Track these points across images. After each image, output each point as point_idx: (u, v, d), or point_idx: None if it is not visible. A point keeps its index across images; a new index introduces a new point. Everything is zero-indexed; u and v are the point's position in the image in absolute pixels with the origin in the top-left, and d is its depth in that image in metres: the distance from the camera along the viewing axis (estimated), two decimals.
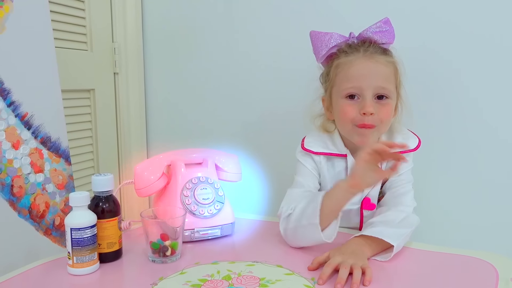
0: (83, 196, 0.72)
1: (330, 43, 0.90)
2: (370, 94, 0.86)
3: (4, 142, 0.87)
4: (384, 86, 0.86)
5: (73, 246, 0.70)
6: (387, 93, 0.87)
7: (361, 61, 0.87)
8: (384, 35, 0.89)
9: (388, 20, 0.90)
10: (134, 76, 1.52)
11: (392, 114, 0.90)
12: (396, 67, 0.89)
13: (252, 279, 0.69)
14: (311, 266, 0.73)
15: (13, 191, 0.89)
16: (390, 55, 0.90)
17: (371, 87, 0.86)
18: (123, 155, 1.53)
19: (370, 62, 0.87)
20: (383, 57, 0.88)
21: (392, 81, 0.88)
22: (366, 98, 0.86)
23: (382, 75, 0.87)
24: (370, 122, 0.86)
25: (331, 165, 0.94)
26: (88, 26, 1.36)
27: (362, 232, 0.79)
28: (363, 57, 0.87)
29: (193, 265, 0.75)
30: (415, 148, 0.91)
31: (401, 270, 0.74)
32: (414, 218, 0.86)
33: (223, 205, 0.89)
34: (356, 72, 0.87)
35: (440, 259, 0.78)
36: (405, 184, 0.91)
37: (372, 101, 0.86)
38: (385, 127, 0.90)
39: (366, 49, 0.88)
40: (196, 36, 1.47)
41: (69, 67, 1.27)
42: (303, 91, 1.30)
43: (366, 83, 0.86)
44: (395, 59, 0.90)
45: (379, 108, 0.86)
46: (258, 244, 0.86)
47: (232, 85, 1.45)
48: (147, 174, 0.90)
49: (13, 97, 0.89)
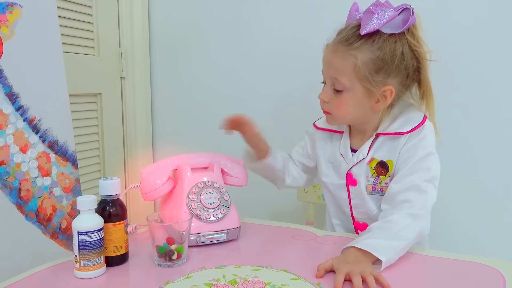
0: (91, 200, 0.72)
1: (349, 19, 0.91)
2: (328, 83, 0.90)
3: (12, 145, 0.88)
4: (337, 78, 0.87)
5: (80, 250, 0.71)
6: (340, 86, 0.87)
7: (327, 50, 0.90)
8: (364, 22, 0.84)
9: (380, 3, 0.84)
10: (141, 81, 1.53)
11: (350, 106, 0.88)
12: (355, 60, 0.84)
13: (258, 283, 0.69)
14: (318, 273, 0.72)
15: (21, 195, 0.89)
16: (359, 45, 0.85)
17: (327, 76, 0.89)
18: (129, 159, 1.54)
19: (330, 51, 0.89)
20: (344, 48, 0.86)
21: (347, 73, 0.86)
22: (325, 86, 0.91)
23: (334, 67, 0.87)
24: (324, 108, 0.92)
25: (329, 140, 1.00)
26: (96, 31, 1.37)
27: (357, 242, 0.76)
28: (332, 45, 0.89)
29: (199, 269, 0.75)
30: (408, 131, 0.87)
31: (405, 275, 0.74)
32: (417, 227, 0.81)
33: (228, 209, 0.89)
34: (323, 60, 0.91)
35: (446, 265, 0.78)
36: (416, 176, 0.85)
37: (329, 89, 0.89)
38: (342, 118, 0.92)
39: (338, 36, 0.89)
40: (202, 40, 1.48)
41: (77, 71, 1.28)
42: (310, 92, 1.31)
43: (324, 71, 0.91)
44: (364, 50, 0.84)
45: (334, 98, 0.89)
46: (264, 249, 0.86)
47: (238, 88, 1.46)
48: (154, 178, 0.90)
49: (22, 102, 0.89)
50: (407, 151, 0.87)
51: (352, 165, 0.93)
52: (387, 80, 0.86)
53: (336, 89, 0.88)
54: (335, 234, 0.94)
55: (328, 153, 0.99)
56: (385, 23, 0.83)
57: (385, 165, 0.90)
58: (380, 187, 0.91)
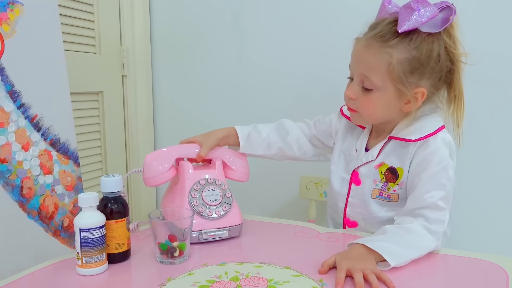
0: (92, 197, 0.72)
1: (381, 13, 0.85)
2: (356, 80, 0.85)
3: (14, 143, 0.88)
4: (368, 76, 0.82)
5: (82, 247, 0.71)
6: (370, 84, 0.83)
7: (359, 45, 0.85)
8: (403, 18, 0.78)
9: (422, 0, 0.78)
10: (142, 79, 1.53)
11: (379, 106, 0.84)
12: (390, 59, 0.79)
13: (260, 280, 0.69)
14: (322, 269, 0.72)
15: (23, 192, 0.89)
16: (395, 43, 0.80)
17: (356, 73, 0.85)
18: (131, 157, 1.54)
19: (362, 46, 0.84)
20: (379, 44, 0.81)
21: (379, 72, 0.81)
22: (353, 82, 0.86)
23: (365, 64, 0.83)
24: (350, 105, 0.88)
25: (350, 131, 0.97)
26: (97, 29, 1.37)
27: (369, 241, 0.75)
28: (365, 40, 0.84)
29: (201, 266, 0.75)
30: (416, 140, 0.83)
31: (409, 273, 0.73)
32: (433, 243, 0.78)
33: (230, 206, 0.89)
34: (352, 55, 0.87)
35: (449, 262, 0.78)
36: (433, 193, 0.81)
37: (357, 86, 0.85)
38: (369, 117, 0.88)
39: (371, 30, 0.83)
40: (204, 38, 1.48)
41: (78, 69, 1.28)
42: (311, 94, 1.31)
43: (353, 67, 0.86)
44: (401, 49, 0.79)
45: (361, 96, 0.85)
46: (266, 246, 0.86)
47: (239, 87, 1.45)
48: (156, 165, 0.90)
49: (23, 99, 0.89)
50: (419, 164, 0.83)
51: (361, 164, 0.91)
52: (420, 81, 0.81)
53: (365, 87, 0.84)
54: (337, 231, 0.94)
55: (346, 144, 0.97)
56: (425, 22, 0.78)
57: (395, 172, 0.87)
58: (388, 194, 0.89)
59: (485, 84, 1.14)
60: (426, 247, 0.78)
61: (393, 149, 0.88)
